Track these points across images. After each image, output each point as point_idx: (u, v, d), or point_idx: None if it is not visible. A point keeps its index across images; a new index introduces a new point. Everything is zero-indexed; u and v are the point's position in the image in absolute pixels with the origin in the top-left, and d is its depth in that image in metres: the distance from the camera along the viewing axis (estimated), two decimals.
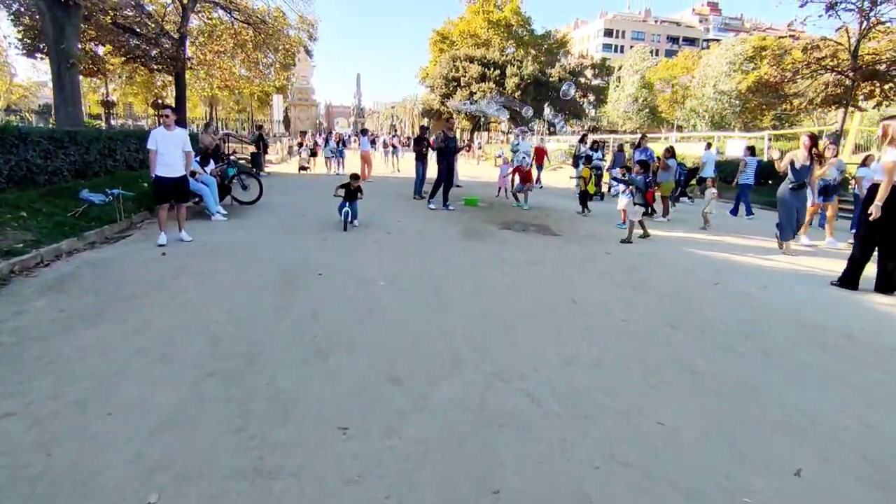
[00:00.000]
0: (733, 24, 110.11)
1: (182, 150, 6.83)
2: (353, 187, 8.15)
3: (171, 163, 6.66)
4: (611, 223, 9.63)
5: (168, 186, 6.72)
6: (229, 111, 70.39)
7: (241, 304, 4.42)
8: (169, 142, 6.62)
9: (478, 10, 58.49)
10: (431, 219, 9.46)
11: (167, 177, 6.66)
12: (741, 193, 12.39)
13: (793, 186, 7.49)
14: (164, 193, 6.74)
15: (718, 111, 53.01)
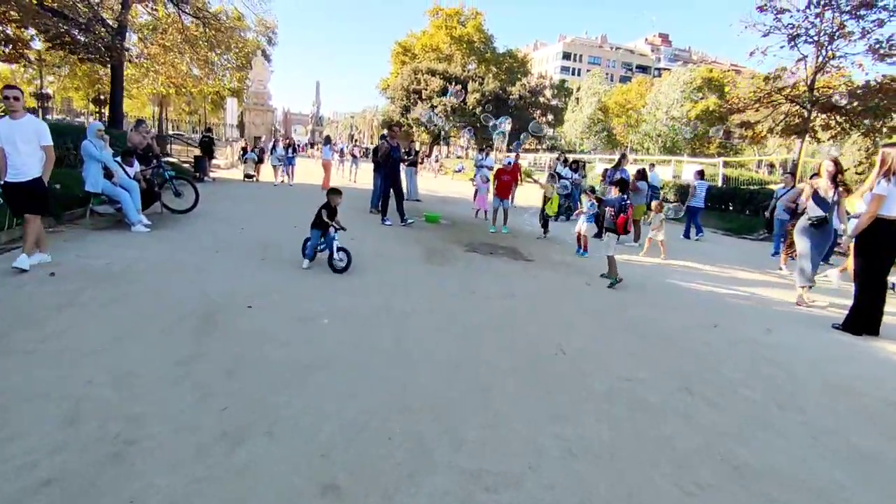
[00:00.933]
0: (682, 56, 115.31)
1: (36, 145, 5.10)
2: (334, 205, 6.21)
3: (20, 163, 4.96)
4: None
5: (17, 195, 5.05)
6: (180, 112, 67.19)
7: (134, 352, 3.32)
8: (15, 135, 4.91)
9: (441, 24, 58.46)
10: (389, 237, 8.51)
11: (15, 182, 4.96)
12: (692, 216, 12.48)
13: (814, 222, 6.02)
14: (16, 205, 5.17)
15: (671, 136, 54.77)
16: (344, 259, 6.01)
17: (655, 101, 57.68)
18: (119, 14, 17.33)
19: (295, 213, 10.30)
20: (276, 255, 6.47)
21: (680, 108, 55.86)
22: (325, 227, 6.06)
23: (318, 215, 6.09)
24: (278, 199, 12.48)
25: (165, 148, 18.76)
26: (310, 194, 14.13)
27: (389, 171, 9.68)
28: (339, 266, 5.95)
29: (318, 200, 12.22)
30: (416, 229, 9.61)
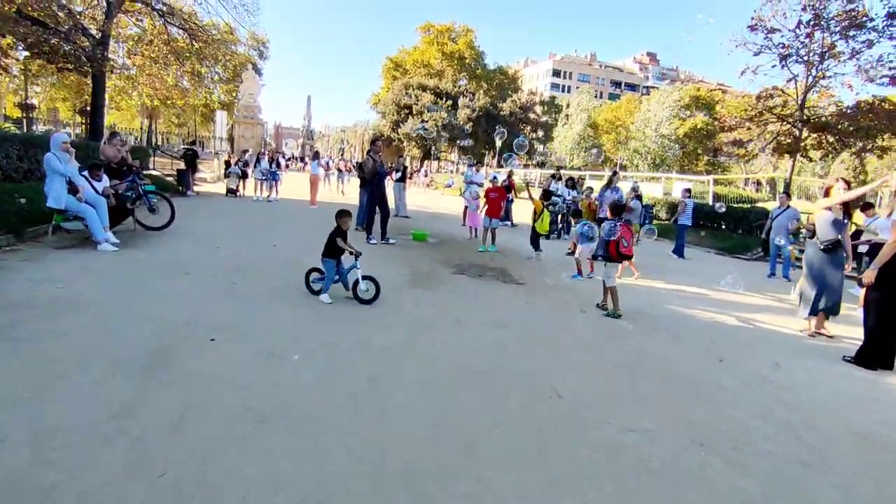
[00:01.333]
0: (670, 74, 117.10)
1: None
2: (346, 228, 5.68)
3: None
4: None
5: None
6: (169, 125, 66.70)
7: (64, 402, 2.86)
8: None
9: (432, 41, 58.72)
10: (374, 257, 8.08)
11: None
12: (680, 234, 12.32)
13: (825, 247, 5.69)
14: None
15: (660, 153, 55.20)
16: (371, 289, 5.53)
17: (645, 119, 58.21)
18: (102, 24, 16.96)
19: (276, 230, 9.92)
20: (251, 280, 6.02)
21: (669, 125, 56.41)
22: (339, 254, 5.54)
23: (332, 243, 5.50)
24: (260, 216, 12.04)
25: (148, 161, 18.25)
26: (293, 210, 13.71)
27: (375, 187, 9.30)
28: (365, 297, 5.50)
29: (302, 216, 11.80)
30: (403, 248, 9.21)
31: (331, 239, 5.52)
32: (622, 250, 6.23)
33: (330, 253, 5.51)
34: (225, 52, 23.98)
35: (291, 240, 9.01)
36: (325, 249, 5.53)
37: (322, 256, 5.55)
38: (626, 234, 6.38)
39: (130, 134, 54.91)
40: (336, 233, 5.55)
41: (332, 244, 5.50)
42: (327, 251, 5.52)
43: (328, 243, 5.52)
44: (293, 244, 8.58)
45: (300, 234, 9.69)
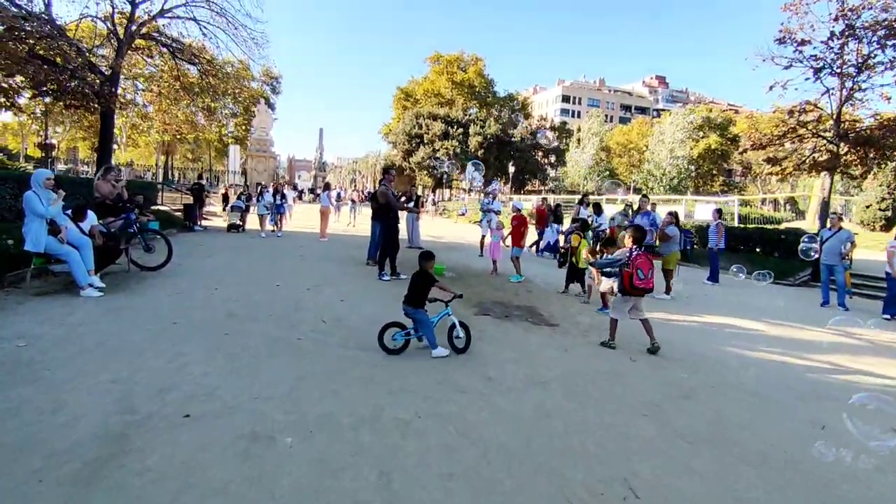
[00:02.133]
0: (679, 97, 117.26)
1: None
2: (429, 276, 4.98)
3: None
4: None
5: None
6: (184, 160, 67.73)
7: None
8: None
9: (442, 70, 59.18)
10: (385, 297, 7.30)
11: None
12: (713, 258, 11.57)
13: None
14: None
15: (675, 175, 54.36)
16: (463, 337, 4.98)
17: (659, 141, 57.61)
18: (112, 61, 16.84)
19: (281, 267, 9.19)
20: (247, 329, 5.25)
21: (683, 146, 55.70)
22: (421, 302, 4.89)
23: (419, 291, 4.87)
24: (264, 252, 11.34)
25: (156, 196, 17.87)
26: (301, 244, 13.03)
27: (392, 219, 8.60)
28: (459, 346, 4.98)
29: (310, 251, 11.09)
30: None
31: (420, 286, 4.90)
32: (637, 283, 5.44)
33: (421, 302, 4.87)
34: (237, 87, 23.89)
35: (297, 277, 8.27)
36: (413, 299, 4.88)
37: (412, 308, 4.87)
38: (643, 264, 5.56)
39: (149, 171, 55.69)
40: (425, 278, 4.94)
41: (422, 291, 4.88)
42: (416, 300, 4.87)
43: (416, 291, 4.88)
44: (299, 282, 7.84)
45: (307, 271, 8.96)
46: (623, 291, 5.57)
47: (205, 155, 65.60)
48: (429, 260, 5.10)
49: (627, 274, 5.45)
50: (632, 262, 5.49)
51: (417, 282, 4.92)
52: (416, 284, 4.91)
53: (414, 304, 4.86)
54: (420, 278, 4.94)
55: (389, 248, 8.64)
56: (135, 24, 16.91)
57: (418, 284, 4.90)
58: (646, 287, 5.56)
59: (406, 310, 4.89)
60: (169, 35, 18.24)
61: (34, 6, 14.64)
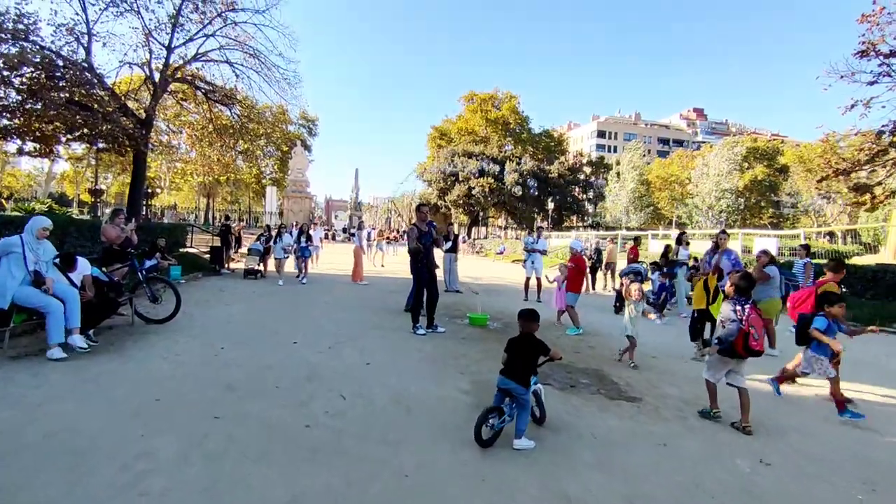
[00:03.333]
0: (719, 129, 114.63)
1: None
2: (536, 341, 3.88)
3: None
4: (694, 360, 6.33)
5: None
6: (223, 202, 69.64)
7: None
8: None
9: (476, 109, 59.23)
10: (419, 357, 6.07)
11: None
12: None
13: None
14: None
15: (725, 208, 51.86)
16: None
17: (703, 173, 55.41)
18: (148, 105, 16.83)
19: (301, 319, 8.10)
20: (245, 409, 4.10)
21: (729, 178, 53.31)
22: (529, 377, 3.80)
23: (527, 362, 3.80)
24: (287, 300, 10.34)
25: (185, 238, 17.41)
26: (330, 290, 11.99)
27: (422, 262, 7.44)
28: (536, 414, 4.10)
29: (339, 298, 10.01)
30: (458, 339, 7.16)
31: (527, 354, 3.81)
32: (752, 344, 4.19)
33: (526, 375, 3.75)
34: (272, 128, 23.83)
35: (319, 332, 7.16)
36: (516, 370, 3.75)
37: (512, 380, 3.71)
38: (756, 321, 4.29)
39: (191, 213, 56.90)
40: (533, 344, 3.85)
41: (530, 362, 3.82)
42: (519, 372, 3.74)
43: (523, 361, 3.78)
44: (320, 338, 6.71)
45: (332, 323, 7.86)
46: (728, 353, 4.27)
47: (243, 196, 67.23)
48: (529, 321, 3.93)
49: (742, 334, 4.19)
50: (746, 320, 4.16)
51: (522, 349, 3.80)
52: (521, 352, 3.78)
53: (521, 379, 3.69)
54: (525, 344, 3.83)
55: (419, 294, 7.45)
56: (170, 69, 16.93)
57: (525, 352, 3.78)
58: (757, 349, 4.21)
59: (509, 386, 3.70)
60: (202, 77, 18.21)
61: (77, 55, 14.73)
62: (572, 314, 8.06)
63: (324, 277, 14.84)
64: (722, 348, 4.33)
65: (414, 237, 7.31)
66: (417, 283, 7.46)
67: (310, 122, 62.16)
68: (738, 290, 4.41)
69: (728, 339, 4.26)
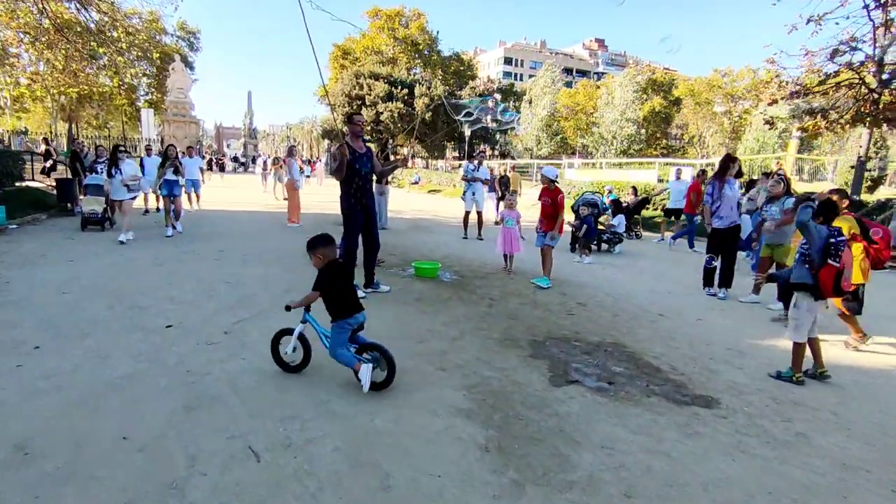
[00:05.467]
0: (618, 60, 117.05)
1: None
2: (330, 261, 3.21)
3: None
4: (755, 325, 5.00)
5: None
6: (87, 126, 59.39)
7: None
8: None
9: (382, 26, 54.26)
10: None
11: None
12: None
13: None
14: None
15: (629, 137, 53.16)
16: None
17: (607, 103, 56.02)
18: None
19: (182, 284, 5.62)
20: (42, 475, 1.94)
21: (632, 108, 54.47)
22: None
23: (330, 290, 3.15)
24: (163, 255, 7.72)
25: (20, 169, 13.33)
26: (219, 235, 9.32)
27: (354, 198, 5.26)
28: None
29: (234, 246, 7.64)
30: (411, 303, 5.25)
31: (326, 283, 3.13)
32: (845, 285, 3.54)
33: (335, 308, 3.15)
34: (125, 27, 18.85)
35: (209, 305, 4.86)
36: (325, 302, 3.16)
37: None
38: (848, 257, 3.60)
39: (52, 139, 47.89)
40: (333, 272, 3.16)
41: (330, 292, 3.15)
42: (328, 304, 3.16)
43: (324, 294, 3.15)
44: (211, 317, 4.44)
45: (229, 289, 5.53)
46: (817, 295, 3.55)
47: (114, 121, 57.46)
48: (321, 247, 3.18)
49: (833, 271, 3.45)
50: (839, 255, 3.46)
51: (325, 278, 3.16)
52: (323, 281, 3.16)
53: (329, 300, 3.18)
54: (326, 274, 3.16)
55: (352, 244, 5.35)
56: None
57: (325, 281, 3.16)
58: (847, 290, 3.66)
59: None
60: None
61: None
62: (548, 260, 6.41)
63: (218, 216, 11.99)
64: (807, 290, 3.51)
65: (343, 160, 5.04)
66: (349, 229, 5.32)
67: (190, 35, 53.59)
68: (824, 215, 3.62)
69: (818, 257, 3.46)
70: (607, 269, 7.78)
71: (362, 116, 5.68)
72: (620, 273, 7.63)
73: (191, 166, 11.69)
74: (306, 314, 3.26)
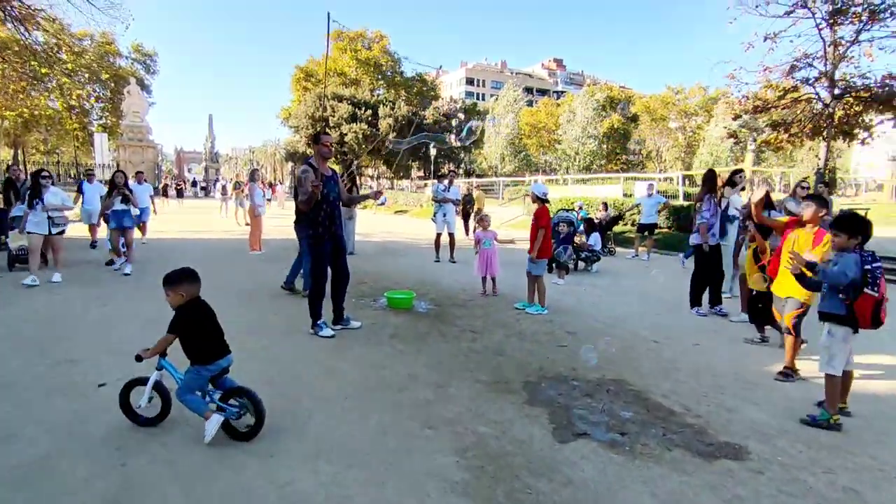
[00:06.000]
0: (576, 79, 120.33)
1: None
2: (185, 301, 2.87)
3: None
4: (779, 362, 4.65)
5: None
6: (34, 152, 56.61)
7: None
8: None
9: (344, 48, 54.09)
10: (341, 396, 3.57)
11: None
12: None
13: None
14: None
15: (590, 153, 54.16)
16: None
17: (568, 120, 57.17)
18: None
19: (122, 329, 4.90)
20: None
21: (594, 125, 55.77)
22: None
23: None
24: (106, 290, 6.97)
25: None
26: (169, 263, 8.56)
27: (322, 226, 4.72)
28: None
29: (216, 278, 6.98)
30: (385, 341, 4.72)
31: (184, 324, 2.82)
32: (883, 317, 3.14)
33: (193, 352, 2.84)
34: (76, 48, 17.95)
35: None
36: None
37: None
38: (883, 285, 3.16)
39: None
40: (193, 312, 2.84)
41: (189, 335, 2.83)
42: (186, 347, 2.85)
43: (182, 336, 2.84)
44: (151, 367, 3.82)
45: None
46: (854, 326, 3.15)
47: (66, 146, 54.80)
48: (176, 284, 2.84)
49: (871, 301, 3.06)
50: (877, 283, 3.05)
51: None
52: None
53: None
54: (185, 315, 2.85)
55: (319, 276, 4.80)
56: None
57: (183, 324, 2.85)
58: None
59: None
60: None
61: None
62: (537, 288, 6.00)
63: (174, 246, 11.17)
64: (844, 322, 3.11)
65: (310, 184, 4.52)
66: (317, 261, 4.77)
67: (147, 57, 52.18)
68: (848, 232, 3.14)
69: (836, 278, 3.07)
70: (590, 291, 7.44)
71: (330, 136, 5.16)
72: (604, 294, 7.29)
73: (141, 193, 10.76)
74: (162, 360, 2.91)
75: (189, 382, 2.82)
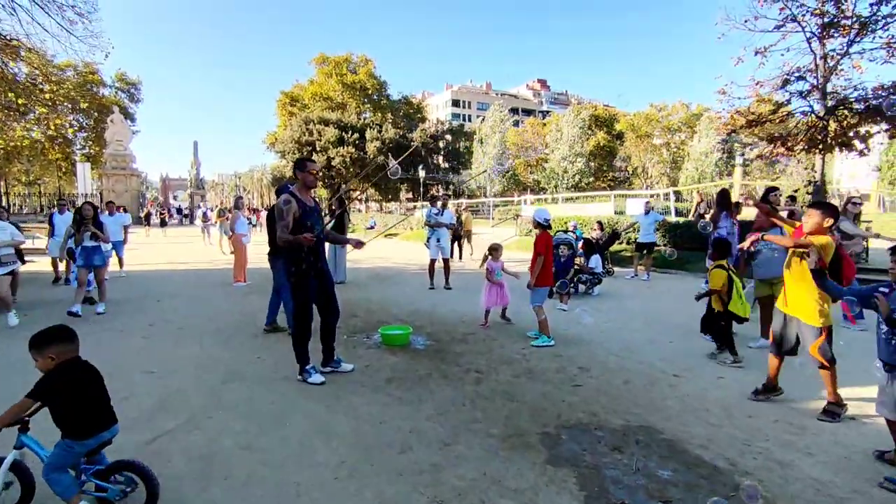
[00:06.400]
0: (561, 99, 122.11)
1: None
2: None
3: None
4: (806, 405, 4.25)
5: None
6: (15, 183, 55.68)
7: None
8: None
9: (330, 72, 54.26)
10: (330, 465, 3.10)
11: None
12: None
13: None
14: None
15: (578, 172, 54.35)
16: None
17: (556, 139, 57.51)
18: None
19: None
20: None
21: (581, 143, 56.16)
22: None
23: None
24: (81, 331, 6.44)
25: None
26: (144, 306, 8.02)
27: (307, 262, 4.27)
28: None
29: (162, 317, 6.51)
30: (381, 385, 4.26)
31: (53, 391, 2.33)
32: None
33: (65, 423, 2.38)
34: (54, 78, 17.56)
35: (125, 413, 3.71)
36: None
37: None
38: None
39: None
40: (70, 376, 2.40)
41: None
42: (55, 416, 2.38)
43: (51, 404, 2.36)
44: (122, 435, 3.31)
45: (149, 382, 4.38)
46: None
47: (49, 176, 53.89)
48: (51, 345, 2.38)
49: None
50: None
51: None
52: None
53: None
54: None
55: (304, 318, 4.32)
56: None
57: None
58: None
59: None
60: None
61: None
62: (541, 320, 5.59)
63: (154, 278, 10.62)
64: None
65: (290, 216, 4.09)
66: (301, 301, 4.30)
67: (130, 86, 51.90)
68: None
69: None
70: (596, 317, 7.03)
71: (316, 163, 4.73)
72: (610, 320, 6.90)
73: (113, 225, 9.72)
74: (22, 435, 2.39)
75: (57, 458, 2.34)
